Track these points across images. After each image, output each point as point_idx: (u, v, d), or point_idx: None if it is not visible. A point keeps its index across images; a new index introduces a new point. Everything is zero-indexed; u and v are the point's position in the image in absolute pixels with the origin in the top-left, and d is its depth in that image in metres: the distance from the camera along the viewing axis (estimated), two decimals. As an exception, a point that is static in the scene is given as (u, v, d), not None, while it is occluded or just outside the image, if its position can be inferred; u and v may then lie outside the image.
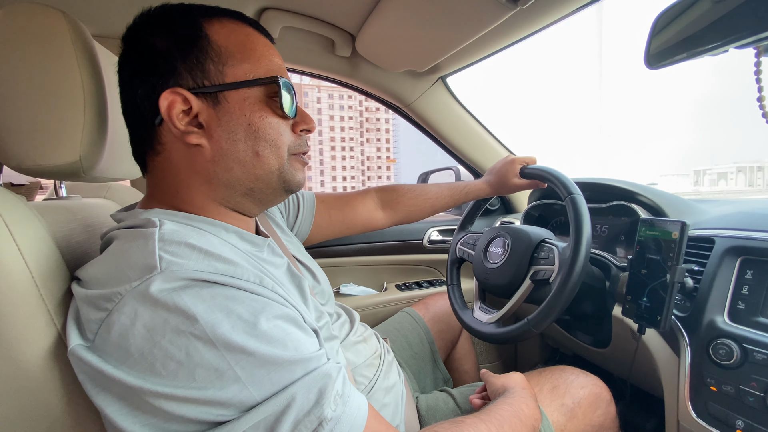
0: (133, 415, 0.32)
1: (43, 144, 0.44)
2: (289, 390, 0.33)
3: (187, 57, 0.42)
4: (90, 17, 0.86)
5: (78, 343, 0.34)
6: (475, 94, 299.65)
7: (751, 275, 0.60)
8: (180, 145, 0.43)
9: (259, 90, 0.44)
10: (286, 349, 0.34)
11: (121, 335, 0.32)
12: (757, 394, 0.53)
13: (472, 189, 0.92)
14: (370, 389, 0.59)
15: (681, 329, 0.64)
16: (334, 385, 0.35)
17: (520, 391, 0.57)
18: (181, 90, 0.41)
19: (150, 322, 0.32)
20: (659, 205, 0.81)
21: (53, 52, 0.44)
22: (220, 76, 0.43)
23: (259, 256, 0.48)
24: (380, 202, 0.89)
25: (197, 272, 0.34)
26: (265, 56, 0.45)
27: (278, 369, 0.33)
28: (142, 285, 0.33)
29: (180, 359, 0.31)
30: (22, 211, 0.39)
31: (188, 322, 0.32)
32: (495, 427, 0.47)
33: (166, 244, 0.36)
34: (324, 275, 0.64)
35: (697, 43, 0.52)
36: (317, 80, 1.27)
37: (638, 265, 0.66)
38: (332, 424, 0.33)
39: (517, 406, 0.53)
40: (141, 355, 0.32)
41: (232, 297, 0.34)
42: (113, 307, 0.33)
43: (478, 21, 0.82)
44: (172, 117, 0.41)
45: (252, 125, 0.44)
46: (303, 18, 0.98)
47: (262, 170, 0.46)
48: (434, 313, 1.01)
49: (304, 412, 0.32)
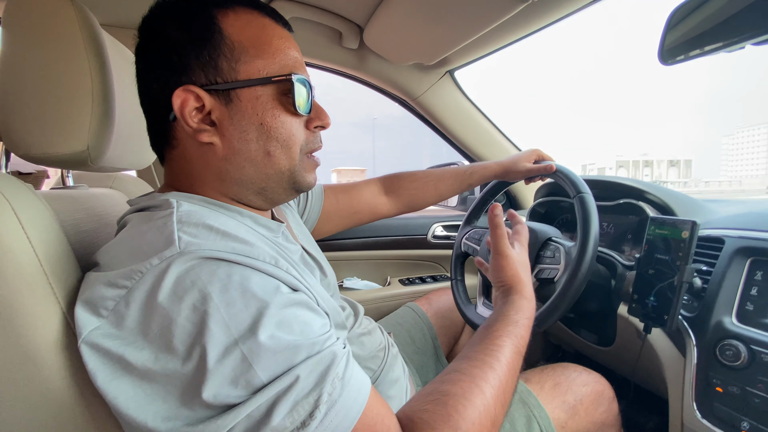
0: (147, 402, 0.32)
1: (51, 132, 0.44)
2: (293, 371, 0.33)
3: (200, 53, 0.41)
4: (97, 6, 0.86)
5: (93, 328, 0.34)
6: (482, 86, 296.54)
7: (760, 276, 0.59)
8: (193, 142, 0.43)
9: (273, 88, 0.43)
10: (291, 333, 0.34)
11: (140, 311, 0.33)
12: (764, 396, 0.52)
13: (478, 169, 0.88)
14: (374, 381, 0.59)
15: (688, 329, 0.63)
16: (336, 368, 0.35)
17: (527, 305, 0.54)
18: (193, 87, 0.41)
19: (168, 300, 0.32)
20: (668, 203, 0.80)
21: (62, 40, 0.43)
22: (233, 74, 0.42)
23: (275, 240, 0.48)
24: (384, 188, 0.88)
25: (215, 251, 0.35)
26: (280, 51, 0.44)
27: (283, 352, 0.33)
28: (163, 263, 0.33)
29: (195, 336, 0.32)
30: (31, 199, 0.39)
31: (203, 300, 0.32)
32: (503, 370, 0.44)
33: (185, 225, 0.37)
34: (331, 268, 0.64)
35: (712, 39, 0.51)
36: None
37: (646, 264, 0.65)
38: (328, 406, 0.33)
39: (519, 338, 0.49)
40: (159, 331, 0.32)
41: (247, 277, 0.35)
42: (133, 285, 0.33)
43: (488, 14, 0.81)
44: (184, 115, 0.41)
45: (264, 124, 0.43)
46: (311, 9, 0.97)
47: (272, 170, 0.45)
48: (437, 309, 1.01)
49: (304, 394, 0.33)
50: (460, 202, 1.64)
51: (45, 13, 0.43)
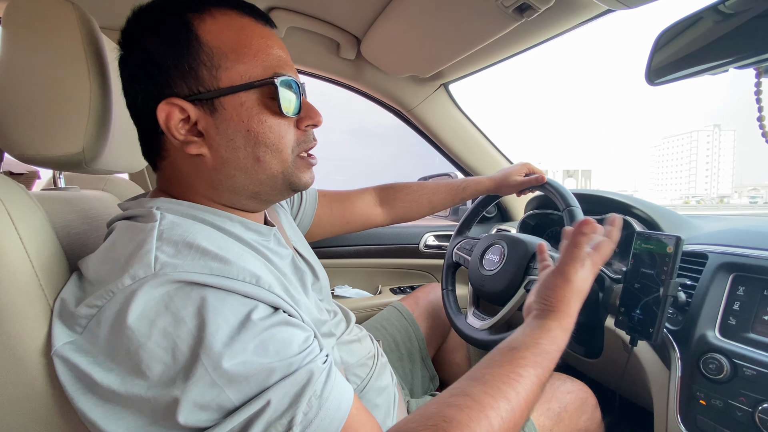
0: (117, 418, 0.32)
1: (47, 134, 0.43)
2: (266, 394, 0.32)
3: (179, 63, 0.40)
4: (97, 9, 0.86)
5: (65, 342, 0.33)
6: (479, 99, 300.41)
7: (742, 291, 0.61)
8: (182, 154, 0.43)
9: (257, 92, 0.42)
10: (266, 355, 0.33)
11: (110, 332, 0.32)
12: (746, 409, 0.53)
13: (471, 184, 0.90)
14: (362, 389, 0.59)
15: (672, 342, 0.64)
16: (312, 386, 0.34)
17: (562, 334, 0.47)
18: (176, 100, 0.40)
19: (137, 323, 0.32)
20: (654, 218, 0.82)
21: (61, 42, 0.44)
22: (215, 82, 0.41)
23: (266, 245, 0.47)
24: (378, 199, 0.88)
25: (190, 274, 0.34)
26: (261, 51, 0.43)
27: (255, 375, 0.32)
28: (135, 285, 0.33)
29: (165, 361, 0.31)
30: (24, 200, 0.39)
31: (175, 324, 0.32)
32: (518, 403, 0.39)
33: (164, 243, 0.36)
34: (323, 271, 0.64)
35: (697, 62, 0.53)
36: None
37: (632, 278, 0.67)
38: (303, 426, 0.32)
39: (548, 366, 0.44)
40: (127, 354, 0.31)
41: (222, 300, 0.34)
42: (104, 304, 0.33)
43: (484, 30, 0.83)
44: (170, 128, 0.40)
45: (251, 131, 0.42)
46: (310, 19, 0.99)
47: (264, 175, 0.45)
48: (424, 308, 1.00)
49: (277, 415, 0.32)
50: (452, 213, 1.65)
51: (45, 14, 0.43)
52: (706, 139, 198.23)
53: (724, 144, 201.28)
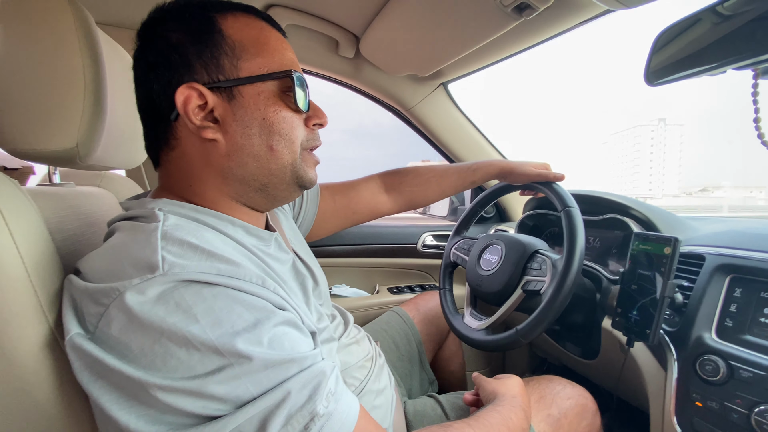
0: (129, 405, 0.32)
1: (41, 128, 0.43)
2: (284, 386, 0.33)
3: (202, 52, 0.42)
4: (93, 4, 0.86)
5: (77, 332, 0.34)
6: (479, 97, 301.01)
7: (739, 293, 0.61)
8: (195, 140, 0.44)
9: (273, 84, 0.45)
10: (282, 350, 0.35)
11: (121, 331, 0.32)
12: (742, 411, 0.53)
13: (482, 166, 0.84)
14: (360, 391, 0.59)
15: (669, 344, 0.64)
16: (327, 383, 0.35)
17: (510, 399, 0.57)
18: (196, 85, 0.41)
19: (150, 320, 0.32)
20: (652, 220, 0.82)
21: (56, 36, 0.43)
22: (235, 71, 0.43)
23: (266, 251, 0.48)
24: (384, 186, 0.86)
25: (199, 274, 0.34)
26: (278, 50, 0.46)
27: (274, 367, 0.33)
28: (144, 284, 0.33)
29: (180, 356, 0.32)
30: (17, 195, 0.38)
31: (189, 321, 0.32)
32: None
33: (169, 243, 0.36)
34: (323, 275, 0.64)
35: (696, 63, 0.53)
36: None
37: (630, 279, 0.67)
38: (324, 420, 0.33)
39: (506, 414, 0.53)
40: (141, 351, 0.32)
41: (233, 297, 0.35)
42: (111, 303, 0.33)
43: (483, 30, 0.83)
44: (188, 112, 0.41)
45: (266, 119, 0.44)
46: (308, 17, 0.98)
47: (275, 165, 0.46)
48: (424, 314, 1.00)
49: (297, 407, 0.33)
50: (451, 213, 1.65)
51: (41, 8, 0.43)
52: (649, 134, 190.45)
53: (669, 140, 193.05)
